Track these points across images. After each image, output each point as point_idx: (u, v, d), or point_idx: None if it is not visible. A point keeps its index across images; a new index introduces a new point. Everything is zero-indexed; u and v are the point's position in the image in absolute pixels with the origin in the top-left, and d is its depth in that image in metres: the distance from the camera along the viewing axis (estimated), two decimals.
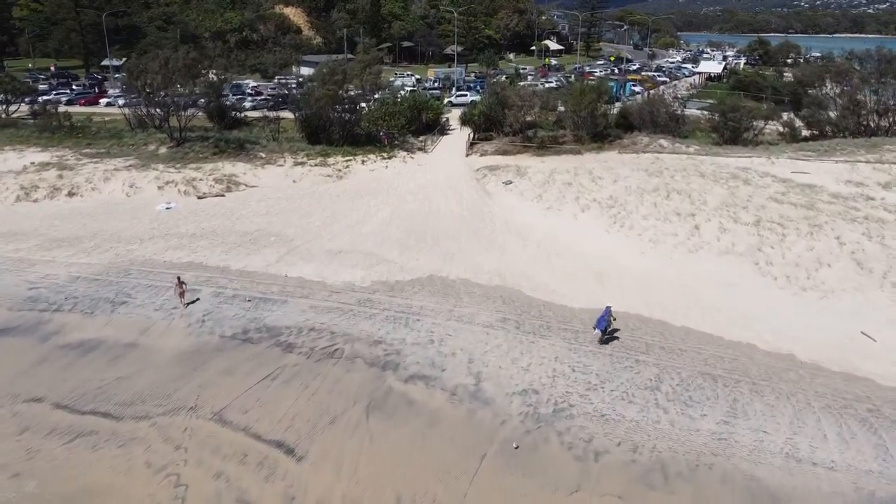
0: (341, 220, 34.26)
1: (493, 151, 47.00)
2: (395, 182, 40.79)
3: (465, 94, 72.91)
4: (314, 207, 36.35)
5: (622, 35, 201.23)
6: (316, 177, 41.90)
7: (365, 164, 44.20)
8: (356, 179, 41.57)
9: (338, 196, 38.25)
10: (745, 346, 21.96)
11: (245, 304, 25.57)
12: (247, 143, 47.72)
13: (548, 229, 32.35)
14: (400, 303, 25.46)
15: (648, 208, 32.72)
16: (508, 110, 48.20)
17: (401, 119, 51.22)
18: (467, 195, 37.72)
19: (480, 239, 31.54)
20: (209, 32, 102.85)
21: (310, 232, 32.75)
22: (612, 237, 30.89)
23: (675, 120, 48.96)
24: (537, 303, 25.24)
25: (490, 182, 39.99)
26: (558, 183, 37.58)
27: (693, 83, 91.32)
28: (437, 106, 54.99)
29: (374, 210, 35.73)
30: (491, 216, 34.50)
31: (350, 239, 31.78)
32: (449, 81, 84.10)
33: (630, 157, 42.84)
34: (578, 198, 35.10)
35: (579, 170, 39.68)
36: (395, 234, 32.38)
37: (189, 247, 31.07)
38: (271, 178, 41.52)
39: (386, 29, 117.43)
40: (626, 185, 35.79)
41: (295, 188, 40.02)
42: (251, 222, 34.23)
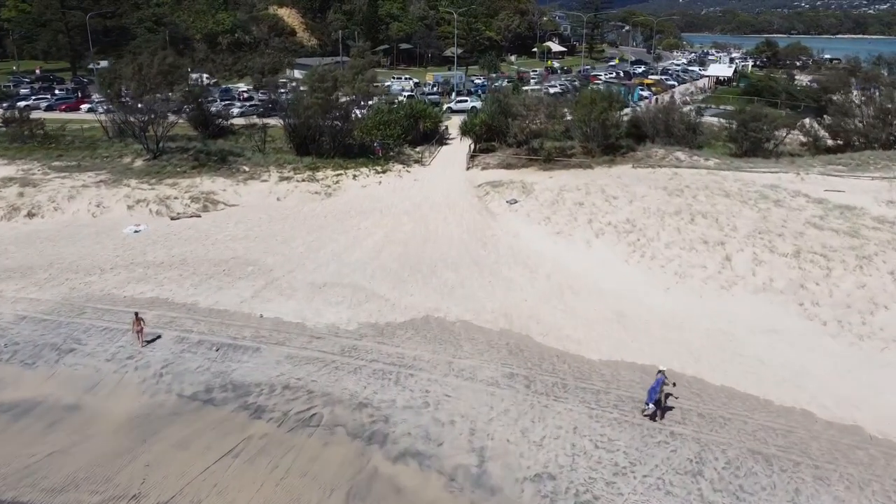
0: (327, 246, 30.74)
1: (496, 164, 43.52)
2: (388, 200, 37.28)
3: (465, 99, 69.42)
4: (298, 230, 32.83)
5: (625, 36, 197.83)
6: (302, 194, 38.39)
7: (356, 180, 40.69)
8: (346, 197, 38.06)
9: (325, 217, 34.72)
10: (799, 414, 18.44)
11: (212, 353, 22.06)
12: (230, 154, 44.21)
13: (558, 258, 28.85)
14: (390, 351, 21.95)
15: (671, 234, 29.21)
16: (512, 120, 44.69)
17: (396, 128, 47.76)
18: (468, 216, 34.22)
19: (483, 269, 28.03)
20: (200, 34, 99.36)
21: (291, 260, 29.24)
22: (631, 269, 27.38)
23: (691, 129, 45.44)
24: (550, 352, 21.72)
25: (493, 200, 36.48)
26: (568, 203, 34.07)
27: (703, 87, 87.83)
28: (435, 114, 51.53)
29: (365, 234, 32.21)
30: (494, 242, 30.99)
31: (336, 269, 28.27)
32: (448, 86, 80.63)
33: (645, 173, 39.34)
34: (591, 221, 31.58)
35: (591, 187, 36.17)
36: (388, 262, 28.88)
37: (155, 279, 27.55)
38: (253, 196, 38.00)
39: (383, 30, 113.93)
40: (643, 207, 32.28)
41: (279, 207, 36.50)
42: (227, 248, 30.71)
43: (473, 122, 46.86)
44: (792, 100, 71.55)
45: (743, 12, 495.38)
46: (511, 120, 44.60)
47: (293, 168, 42.13)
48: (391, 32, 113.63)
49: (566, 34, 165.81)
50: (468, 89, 79.92)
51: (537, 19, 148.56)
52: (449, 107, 67.36)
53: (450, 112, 66.25)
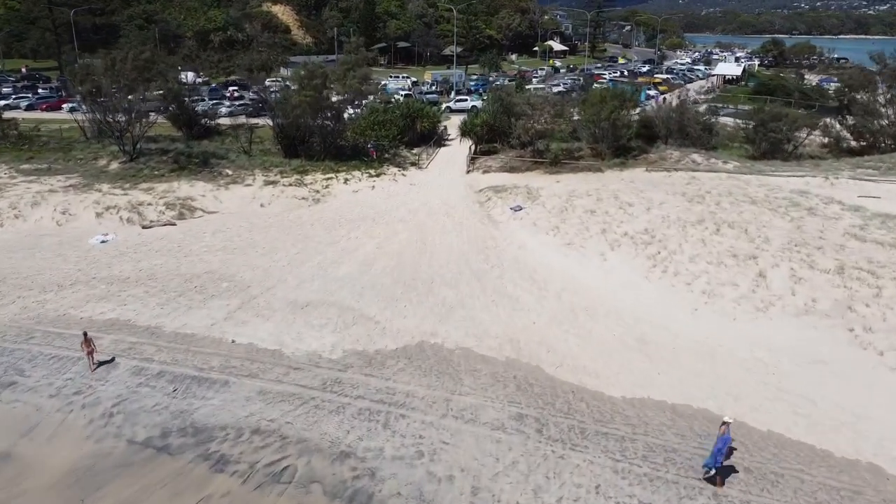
0: (313, 259, 27.74)
1: (499, 168, 40.55)
2: (382, 207, 34.29)
3: (465, 99, 66.51)
4: (282, 241, 29.82)
5: (626, 36, 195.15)
6: (288, 199, 35.40)
7: (348, 184, 37.71)
8: (336, 203, 35.07)
9: (312, 225, 31.72)
10: (865, 469, 15.45)
11: (174, 389, 19.05)
12: (213, 157, 41.25)
13: (570, 273, 25.85)
14: (379, 386, 18.95)
15: (695, 246, 26.21)
16: (516, 120, 41.71)
17: (392, 129, 44.83)
18: (469, 225, 31.23)
19: (485, 286, 25.03)
20: (191, 32, 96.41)
21: (272, 275, 26.23)
22: (653, 286, 24.36)
23: (707, 130, 42.49)
24: (564, 387, 18.72)
25: (496, 207, 33.49)
26: (578, 210, 31.08)
27: (711, 86, 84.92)
28: (433, 113, 48.57)
29: (355, 245, 29.21)
30: (498, 253, 28.00)
31: (322, 285, 25.27)
32: (447, 85, 77.70)
33: (660, 177, 36.39)
34: (605, 231, 28.59)
35: (602, 192, 33.19)
36: (379, 278, 25.88)
37: (118, 296, 24.54)
38: (235, 202, 35.01)
39: (381, 28, 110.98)
40: (662, 215, 29.30)
41: (262, 214, 33.50)
42: (202, 261, 27.71)
43: (474, 122, 43.95)
44: (806, 99, 68.68)
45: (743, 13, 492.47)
46: (515, 120, 41.63)
47: (280, 171, 39.16)
48: (389, 31, 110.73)
49: (567, 33, 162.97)
50: (468, 88, 76.99)
51: (538, 18, 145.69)
52: (448, 106, 64.48)
53: (449, 112, 63.38)
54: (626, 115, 39.04)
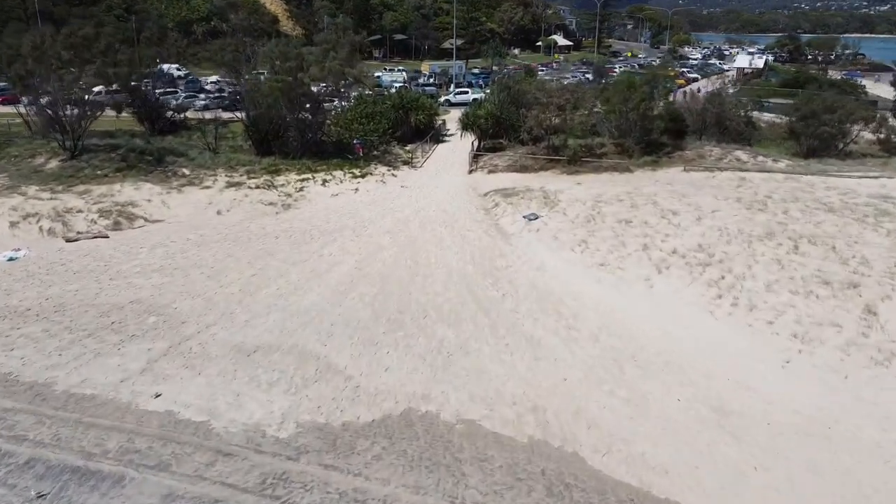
0: (273, 283, 21.56)
1: (507, 167, 34.42)
2: (365, 214, 28.12)
3: (465, 91, 60.50)
4: (236, 258, 23.63)
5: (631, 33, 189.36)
6: (253, 205, 29.25)
7: (326, 186, 31.57)
8: (310, 210, 28.90)
9: (277, 238, 25.53)
10: None
11: (37, 491, 12.91)
12: (170, 154, 35.09)
13: (607, 305, 19.67)
14: (344, 485, 12.80)
15: (770, 269, 20.05)
16: (527, 111, 35.55)
17: (382, 122, 38.73)
18: (473, 238, 25.07)
19: (496, 323, 18.88)
20: (173, 22, 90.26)
21: (216, 306, 20.06)
22: (722, 326, 18.17)
23: (749, 124, 36.39)
24: (619, 492, 12.56)
25: (505, 215, 27.34)
26: (609, 219, 24.93)
27: (731, 79, 78.90)
28: (430, 104, 42.46)
29: (328, 264, 23.03)
30: (510, 276, 21.84)
31: (279, 321, 19.11)
32: (446, 77, 71.64)
33: (702, 177, 30.30)
34: (647, 247, 22.42)
35: (636, 197, 27.08)
36: (355, 310, 19.72)
37: (6, 337, 18.37)
38: (187, 208, 28.84)
39: (376, 20, 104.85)
40: (718, 226, 23.15)
41: (217, 224, 27.31)
42: (130, 286, 21.52)
43: (477, 113, 37.75)
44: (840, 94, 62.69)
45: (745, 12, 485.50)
46: (526, 111, 35.50)
47: (247, 171, 33.01)
48: (384, 22, 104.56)
49: (571, 28, 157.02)
50: (468, 81, 70.95)
51: (542, 12, 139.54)
52: (447, 99, 58.44)
53: (448, 105, 57.38)
54: (660, 104, 32.86)
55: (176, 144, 39.87)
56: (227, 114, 44.59)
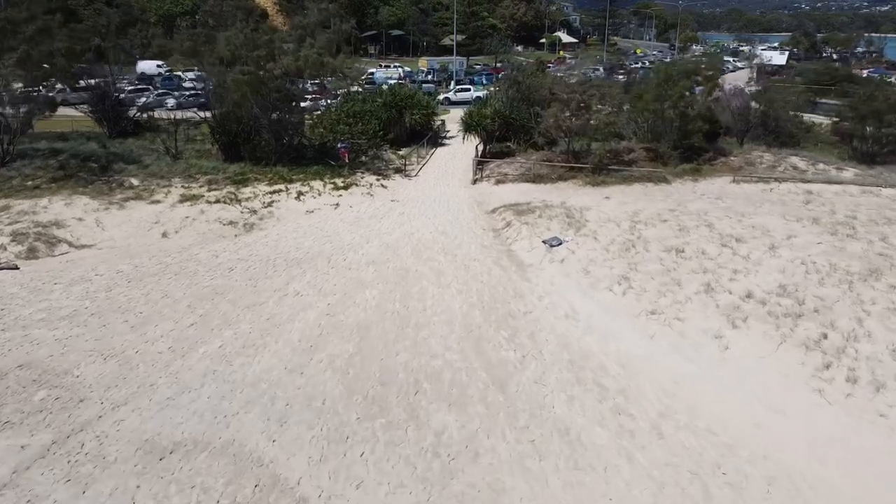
0: (215, 338, 16.15)
1: (518, 176, 29.06)
2: (345, 237, 22.71)
3: (467, 88, 55.27)
4: (175, 300, 18.22)
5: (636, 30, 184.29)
6: (209, 225, 23.85)
7: (301, 200, 26.20)
8: (279, 231, 23.48)
9: (231, 270, 20.13)
10: None
11: None
12: (120, 160, 29.78)
13: (668, 376, 14.28)
14: None
15: (892, 325, 14.66)
16: (542, 109, 30.22)
17: (372, 123, 33.42)
18: (480, 270, 19.67)
19: (516, 403, 13.50)
20: (156, 17, 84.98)
21: (134, 372, 14.66)
22: (843, 416, 12.76)
23: (801, 126, 31.08)
24: None
25: (520, 239, 21.94)
26: (654, 246, 19.56)
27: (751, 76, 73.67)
28: (427, 102, 37.12)
29: (292, 309, 17.62)
30: (531, 328, 16.44)
31: (215, 399, 13.72)
32: (446, 74, 66.38)
33: (756, 190, 24.95)
34: (711, 287, 17.02)
35: (682, 216, 21.74)
36: (321, 382, 14.34)
37: None
38: (127, 229, 23.43)
39: (372, 15, 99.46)
40: (800, 259, 17.79)
41: (160, 250, 21.87)
42: (25, 340, 16.06)
43: (483, 113, 32.32)
44: None
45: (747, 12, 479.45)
46: (540, 109, 30.17)
47: (209, 181, 27.68)
48: (381, 17, 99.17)
49: (575, 25, 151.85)
50: (470, 78, 65.70)
51: (545, 8, 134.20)
52: (447, 97, 53.16)
53: (448, 104, 52.09)
54: (701, 101, 27.46)
55: (135, 148, 34.68)
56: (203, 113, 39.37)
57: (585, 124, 27.30)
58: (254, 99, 28.08)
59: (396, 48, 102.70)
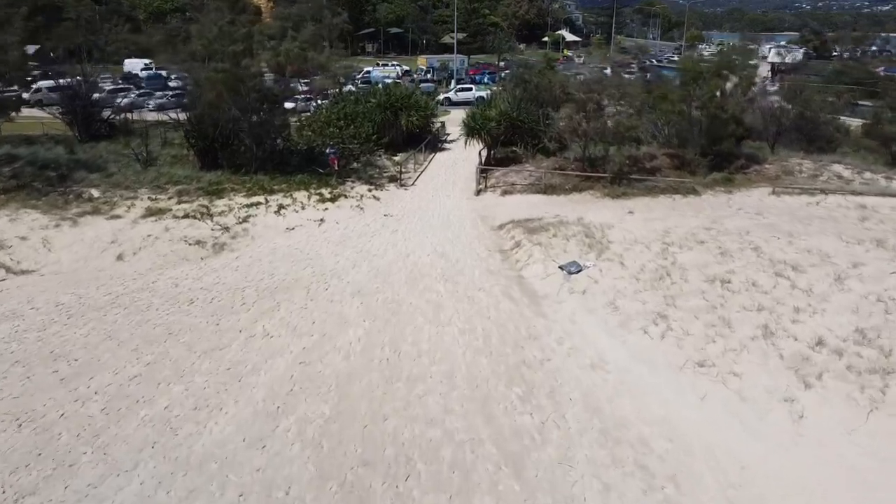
0: (160, 397, 13.04)
1: (527, 186, 25.97)
2: (329, 261, 19.58)
3: (469, 88, 52.28)
4: (119, 343, 15.12)
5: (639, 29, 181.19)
6: (173, 245, 20.74)
7: (282, 215, 23.10)
8: (252, 253, 20.37)
9: (192, 303, 17.02)
10: None
11: None
12: (83, 168, 26.75)
13: (729, 456, 11.17)
14: None
15: None
16: (553, 111, 27.15)
17: (365, 126, 30.39)
18: (487, 303, 16.56)
19: (536, 489, 10.41)
20: (145, 13, 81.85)
21: (52, 446, 11.57)
22: None
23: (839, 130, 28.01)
24: None
25: (532, 262, 18.81)
26: (693, 275, 16.47)
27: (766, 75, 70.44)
28: (425, 103, 34.03)
29: (259, 355, 14.51)
30: (550, 381, 13.34)
31: (150, 488, 10.63)
32: (446, 73, 63.31)
33: (801, 204, 21.89)
34: (770, 330, 13.91)
35: (721, 236, 18.67)
36: (288, 460, 11.25)
37: None
38: (78, 250, 20.33)
39: (369, 12, 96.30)
40: (875, 294, 14.70)
41: (112, 277, 18.76)
42: None
43: (487, 115, 29.16)
44: None
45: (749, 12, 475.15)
46: (551, 111, 27.08)
47: (180, 191, 24.62)
48: (378, 15, 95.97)
49: (578, 24, 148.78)
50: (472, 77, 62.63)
51: (547, 6, 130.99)
52: (447, 97, 50.11)
53: (448, 104, 49.06)
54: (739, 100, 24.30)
55: (105, 153, 31.73)
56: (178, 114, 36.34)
57: (604, 128, 24.23)
58: (231, 99, 25.00)
59: (395, 46, 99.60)
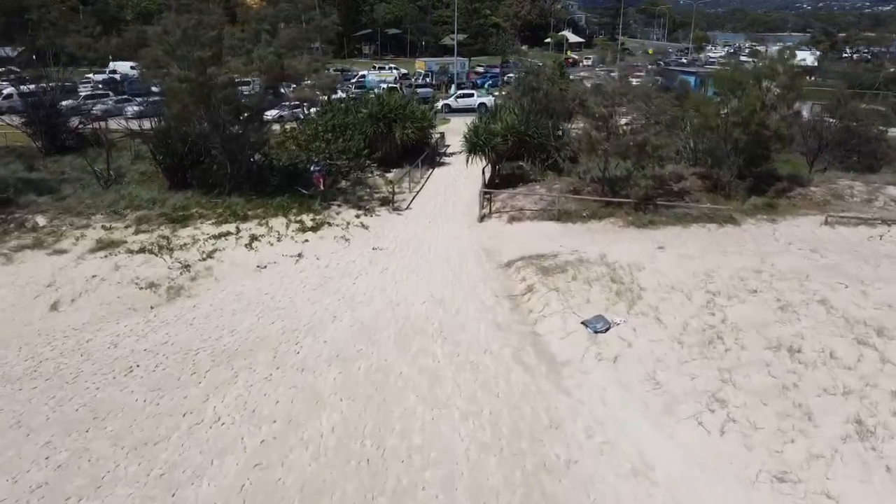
0: None
1: (538, 212, 22.70)
2: (304, 311, 16.27)
3: (470, 93, 49.07)
4: (25, 433, 11.85)
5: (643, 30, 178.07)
6: (122, 288, 17.47)
7: (254, 248, 19.83)
8: (213, 299, 17.07)
9: (132, 370, 13.76)
10: None
11: None
12: (31, 189, 23.58)
13: None
14: None
15: None
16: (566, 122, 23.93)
17: (355, 139, 27.28)
18: (494, 374, 13.30)
19: None
20: (133, 14, 78.58)
21: None
22: None
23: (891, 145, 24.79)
24: None
25: (548, 314, 15.51)
26: (752, 340, 13.23)
27: None
28: (422, 113, 30.79)
29: (201, 457, 11.24)
30: (580, 497, 10.10)
31: None
32: (446, 76, 60.15)
33: (860, 237, 18.71)
34: (867, 429, 10.67)
35: (778, 282, 15.45)
36: None
37: None
38: (3, 296, 17.00)
39: (367, 12, 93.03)
40: None
41: (38, 333, 15.49)
42: None
43: (492, 129, 25.81)
44: None
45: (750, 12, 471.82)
46: (563, 124, 23.85)
47: (139, 218, 21.42)
48: (376, 15, 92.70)
49: (581, 25, 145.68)
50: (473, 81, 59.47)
51: (550, 6, 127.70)
52: (447, 104, 46.91)
53: (448, 111, 45.88)
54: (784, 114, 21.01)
55: (69, 169, 28.77)
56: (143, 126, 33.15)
57: (627, 146, 21.00)
58: (199, 112, 21.78)
59: (393, 48, 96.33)
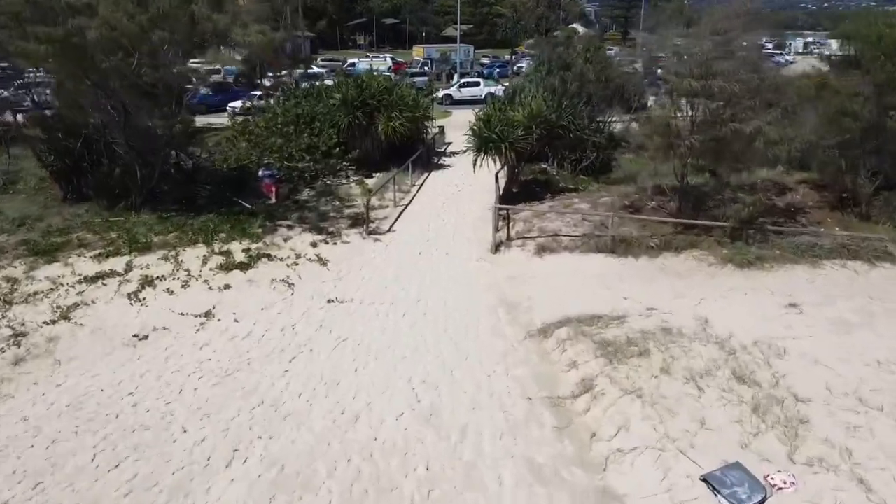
0: None
1: (580, 239, 15.44)
2: (180, 442, 9.03)
3: (476, 82, 42.11)
4: None
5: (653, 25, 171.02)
6: None
7: (139, 300, 12.66)
8: (37, 407, 9.86)
9: None
10: None
11: None
12: None
13: None
14: None
15: None
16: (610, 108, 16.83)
17: (325, 134, 20.37)
18: None
19: None
20: None
21: None
22: None
23: None
24: None
25: (627, 453, 8.32)
26: None
27: None
28: (414, 100, 23.54)
29: None
30: None
31: None
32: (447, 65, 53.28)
33: None
34: None
35: None
36: None
37: None
38: None
39: (362, 1, 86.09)
40: None
41: None
42: None
43: (510, 118, 18.39)
44: None
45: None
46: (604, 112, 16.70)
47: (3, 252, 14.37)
48: (372, 4, 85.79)
49: (591, 18, 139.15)
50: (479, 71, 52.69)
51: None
52: (448, 94, 39.92)
53: (449, 103, 38.93)
54: None
55: None
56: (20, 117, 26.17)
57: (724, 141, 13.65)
58: (80, 91, 14.79)
59: (391, 39, 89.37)
